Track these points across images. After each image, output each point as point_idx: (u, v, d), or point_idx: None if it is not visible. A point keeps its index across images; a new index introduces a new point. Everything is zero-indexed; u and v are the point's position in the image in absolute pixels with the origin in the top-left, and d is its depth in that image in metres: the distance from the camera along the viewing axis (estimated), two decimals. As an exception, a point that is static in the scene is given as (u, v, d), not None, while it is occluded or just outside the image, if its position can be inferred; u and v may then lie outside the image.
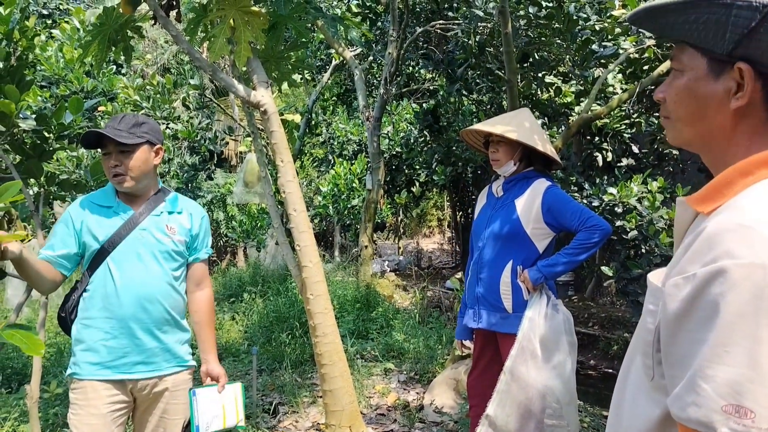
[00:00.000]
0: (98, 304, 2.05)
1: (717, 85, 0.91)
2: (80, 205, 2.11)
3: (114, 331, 2.04)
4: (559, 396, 2.41)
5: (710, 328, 0.78)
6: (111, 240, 2.06)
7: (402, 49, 6.77)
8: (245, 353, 5.27)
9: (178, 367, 2.18)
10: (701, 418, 0.77)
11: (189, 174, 7.68)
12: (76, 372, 2.04)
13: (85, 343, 2.05)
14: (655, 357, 0.91)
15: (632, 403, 0.98)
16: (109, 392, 2.03)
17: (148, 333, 2.08)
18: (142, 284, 2.07)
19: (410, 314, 6.62)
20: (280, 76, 3.21)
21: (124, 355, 2.05)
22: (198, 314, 2.29)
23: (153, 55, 12.25)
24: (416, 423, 3.94)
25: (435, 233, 18.50)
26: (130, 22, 2.94)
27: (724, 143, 0.94)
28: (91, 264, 2.07)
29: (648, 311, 0.94)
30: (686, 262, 0.84)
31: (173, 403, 2.17)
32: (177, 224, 2.19)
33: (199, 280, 2.30)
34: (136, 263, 2.08)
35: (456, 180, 10.02)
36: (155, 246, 2.12)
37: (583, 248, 2.61)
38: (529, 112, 2.96)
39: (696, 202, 0.93)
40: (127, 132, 2.06)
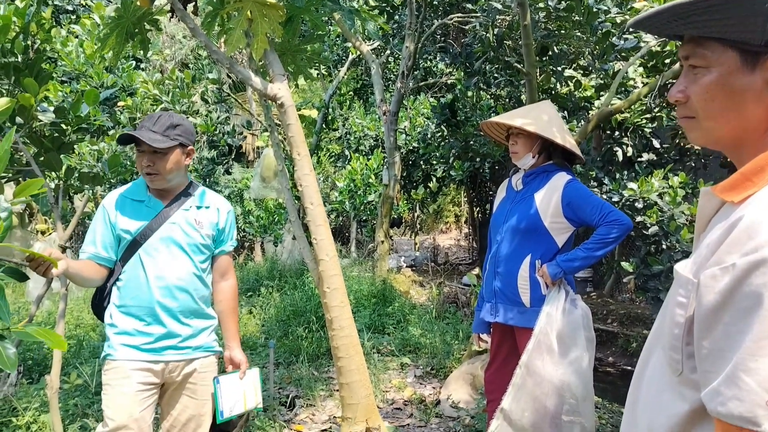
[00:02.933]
0: (131, 293, 2.17)
1: (754, 77, 0.88)
2: (114, 199, 2.23)
3: (147, 318, 2.16)
4: (575, 391, 2.38)
5: (752, 319, 0.75)
6: (143, 233, 2.18)
7: (419, 43, 6.73)
8: (263, 346, 5.29)
9: (205, 352, 2.31)
10: (744, 414, 0.75)
11: (207, 168, 7.73)
12: (111, 354, 2.16)
13: (119, 327, 2.16)
14: (685, 350, 0.88)
15: (655, 398, 0.95)
16: (139, 374, 2.15)
17: (177, 320, 2.20)
18: (171, 275, 2.19)
19: (426, 309, 6.61)
20: (296, 69, 3.20)
21: (156, 340, 2.17)
22: (223, 303, 2.42)
23: (171, 50, 12.33)
24: (432, 418, 3.93)
25: (452, 229, 18.44)
26: (147, 15, 2.94)
27: (757, 137, 0.91)
28: (124, 255, 2.19)
29: (677, 303, 0.90)
30: (723, 253, 0.81)
31: (201, 384, 2.29)
32: (205, 218, 2.31)
33: (224, 271, 2.42)
34: (166, 255, 2.20)
35: (473, 175, 9.96)
36: (184, 239, 2.23)
37: (603, 243, 2.58)
38: (551, 104, 2.93)
39: (723, 191, 0.90)
40: (161, 134, 2.17)
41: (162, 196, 2.26)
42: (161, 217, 2.21)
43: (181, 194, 2.29)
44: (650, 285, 4.50)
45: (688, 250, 4.13)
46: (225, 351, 2.42)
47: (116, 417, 2.09)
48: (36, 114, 2.90)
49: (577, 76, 5.45)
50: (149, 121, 2.19)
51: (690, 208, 4.31)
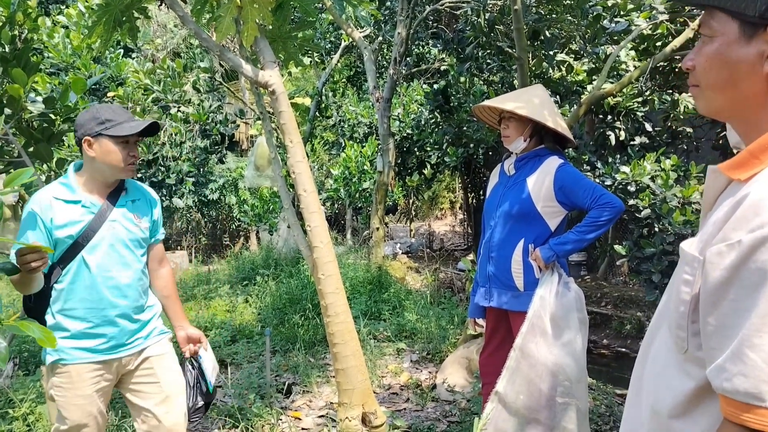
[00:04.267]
0: (78, 295, 2.14)
1: (749, 49, 0.89)
2: (43, 203, 2.11)
3: (96, 320, 2.15)
4: (569, 373, 2.41)
5: (758, 295, 0.75)
6: (85, 234, 2.14)
7: (411, 29, 6.70)
8: (259, 335, 5.31)
9: (157, 337, 2.34)
10: (749, 389, 0.75)
11: (200, 158, 7.70)
12: (62, 358, 2.13)
13: (68, 331, 2.13)
14: (691, 328, 0.89)
15: (660, 376, 0.95)
16: (93, 374, 2.16)
17: (127, 318, 2.22)
18: (120, 274, 2.19)
19: (422, 295, 6.64)
20: (287, 56, 3.19)
21: (108, 340, 2.17)
22: (166, 289, 2.47)
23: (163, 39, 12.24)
24: (429, 402, 3.96)
25: (447, 215, 18.45)
26: (135, 2, 2.92)
27: (757, 109, 0.91)
28: (64, 257, 2.13)
29: (683, 281, 0.91)
30: (730, 230, 0.82)
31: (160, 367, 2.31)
32: (141, 212, 2.32)
33: (160, 258, 2.48)
34: (112, 254, 2.19)
35: (467, 161, 9.96)
36: (126, 235, 2.23)
37: (595, 226, 2.59)
38: (543, 88, 2.92)
39: (730, 168, 0.90)
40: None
41: (96, 193, 2.20)
42: (101, 216, 2.17)
43: (116, 190, 2.26)
44: (643, 267, 4.53)
45: (680, 233, 4.15)
46: (179, 332, 2.45)
47: (74, 417, 2.12)
48: (25, 105, 2.88)
49: (568, 60, 5.43)
50: (124, 114, 2.18)
51: (682, 191, 4.32)
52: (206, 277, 7.93)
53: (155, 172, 7.16)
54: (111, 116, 2.14)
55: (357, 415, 2.89)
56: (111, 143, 2.13)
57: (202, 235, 12.94)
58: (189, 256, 10.25)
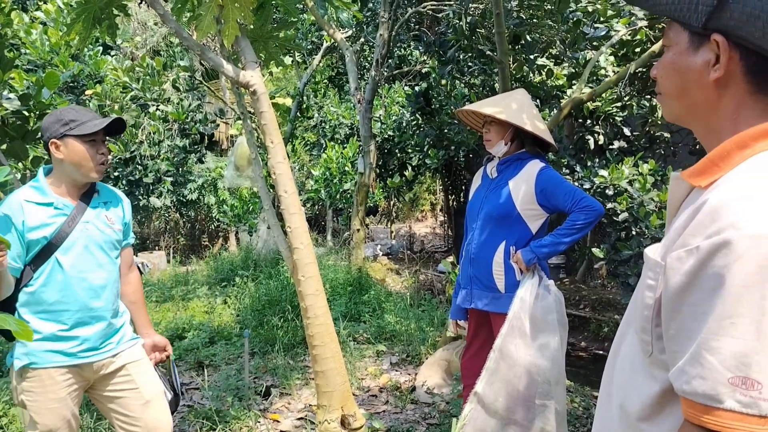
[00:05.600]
0: (52, 297, 2.11)
1: (696, 58, 0.92)
2: (14, 206, 2.08)
3: (69, 322, 2.12)
4: (548, 375, 2.43)
5: (715, 300, 0.77)
6: (58, 236, 2.11)
7: (393, 31, 6.71)
8: (237, 336, 5.27)
9: (129, 342, 2.33)
10: (707, 391, 0.77)
11: (179, 157, 7.62)
12: (34, 362, 2.09)
13: (40, 333, 2.09)
14: (654, 332, 0.90)
15: (628, 379, 0.97)
16: (65, 377, 2.13)
17: (102, 319, 2.20)
18: (94, 275, 2.18)
19: (402, 297, 6.64)
20: (267, 56, 3.17)
21: (81, 342, 2.14)
22: (134, 295, 2.46)
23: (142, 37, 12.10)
24: (408, 404, 3.96)
25: (427, 217, 18.51)
26: (115, 0, 2.88)
27: (710, 116, 0.94)
28: (36, 259, 2.10)
29: (646, 286, 0.93)
30: (689, 236, 0.83)
31: (137, 372, 2.30)
32: (113, 214, 2.30)
33: (129, 263, 2.46)
34: (87, 256, 2.17)
35: (448, 164, 9.99)
36: (100, 237, 2.22)
37: (575, 229, 2.62)
38: (524, 92, 2.95)
39: (692, 175, 0.93)
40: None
41: (69, 196, 2.19)
42: (74, 217, 2.16)
43: (88, 192, 2.24)
44: (620, 270, 4.58)
45: (657, 236, 4.21)
46: (146, 339, 2.45)
47: (48, 422, 2.10)
48: (0, 102, 2.83)
49: (549, 64, 5.48)
50: (87, 114, 2.16)
51: (659, 195, 4.38)
52: (184, 277, 7.84)
53: (132, 171, 7.07)
54: (74, 116, 2.12)
55: (336, 417, 2.88)
56: (77, 143, 2.11)
57: (180, 236, 12.81)
58: (167, 256, 10.13)
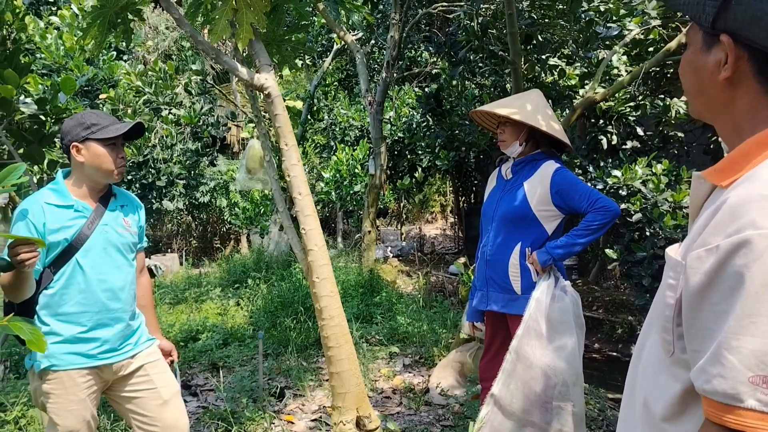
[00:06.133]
0: (72, 298, 2.13)
1: (709, 57, 0.92)
2: (36, 208, 2.11)
3: (89, 324, 2.14)
4: (565, 376, 2.41)
5: (735, 299, 0.77)
6: (78, 238, 2.13)
7: (404, 33, 6.71)
8: (251, 338, 5.28)
9: (146, 344, 2.36)
10: (727, 390, 0.76)
11: (191, 160, 7.66)
12: (54, 364, 2.10)
13: (60, 335, 2.11)
14: (676, 331, 0.90)
15: (651, 380, 0.97)
16: (85, 379, 2.15)
17: (120, 321, 2.22)
18: (113, 277, 2.20)
19: (414, 299, 6.63)
20: (280, 59, 3.19)
21: (101, 344, 2.16)
22: (144, 298, 2.48)
23: (155, 41, 12.18)
24: (422, 405, 3.96)
25: (438, 219, 18.49)
26: (130, 5, 2.91)
27: (728, 115, 0.94)
28: (56, 262, 2.12)
29: (668, 285, 0.93)
30: (708, 235, 0.83)
31: (155, 372, 2.32)
32: (130, 217, 2.33)
33: (141, 266, 2.49)
34: (105, 258, 2.19)
35: (459, 165, 9.97)
36: (118, 240, 2.24)
37: (591, 230, 2.61)
38: (539, 93, 2.94)
39: (713, 175, 0.93)
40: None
41: (87, 198, 2.21)
42: (93, 220, 2.18)
43: (106, 195, 2.27)
44: (634, 271, 4.56)
45: (671, 237, 4.18)
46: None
47: (68, 423, 2.11)
48: (17, 106, 2.86)
49: (561, 64, 5.46)
50: (108, 118, 2.18)
51: (673, 195, 4.35)
52: (197, 279, 7.88)
53: (145, 174, 7.12)
54: (96, 120, 2.15)
55: (351, 419, 2.88)
56: (99, 146, 2.14)
57: (192, 238, 12.87)
58: (180, 258, 10.18)
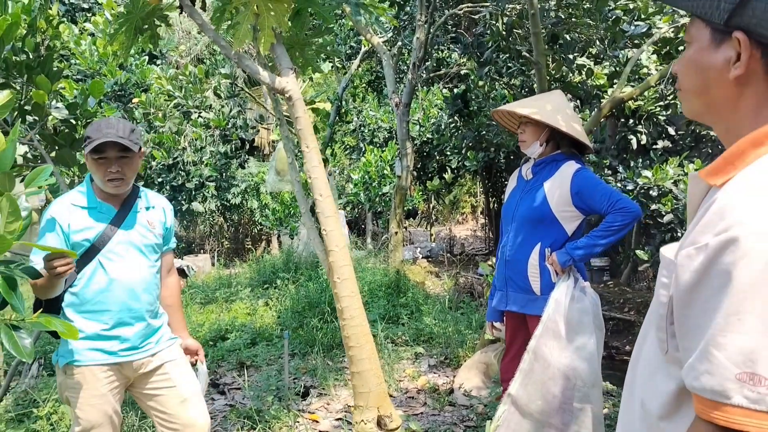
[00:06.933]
0: (94, 297, 2.19)
1: (717, 55, 0.91)
2: (61, 209, 2.19)
3: (110, 322, 2.20)
4: (584, 377, 2.39)
5: (723, 296, 0.78)
6: (101, 238, 2.20)
7: (430, 34, 6.72)
8: (278, 338, 5.35)
9: (168, 342, 2.40)
10: (715, 387, 0.77)
11: (221, 162, 7.79)
12: (77, 360, 2.18)
13: (83, 332, 2.16)
14: (669, 330, 0.91)
15: (648, 378, 0.98)
16: (106, 374, 2.21)
17: (141, 320, 2.26)
18: (134, 277, 2.25)
19: (441, 300, 6.63)
20: (304, 62, 3.23)
21: (122, 342, 2.22)
22: (171, 298, 2.54)
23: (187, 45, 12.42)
24: (446, 406, 3.96)
25: (468, 220, 18.40)
26: (156, 10, 2.98)
27: (730, 114, 0.93)
28: (79, 261, 2.18)
29: (661, 284, 0.94)
30: (698, 233, 0.84)
31: (175, 371, 2.36)
32: (154, 219, 2.37)
33: (170, 267, 2.54)
34: (127, 258, 2.24)
35: (489, 166, 9.93)
36: (141, 240, 2.29)
37: (611, 231, 2.58)
38: (560, 93, 2.93)
39: (708, 174, 0.92)
40: (128, 139, 2.18)
41: (111, 200, 2.27)
42: (116, 221, 2.24)
43: (130, 197, 2.31)
44: (664, 273, 4.47)
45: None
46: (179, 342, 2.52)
47: (91, 418, 2.18)
48: (49, 111, 2.95)
49: (588, 64, 5.39)
50: (111, 128, 2.16)
51: (704, 195, 4.26)
52: (228, 280, 8.01)
53: (175, 177, 7.27)
54: (91, 133, 2.17)
55: (372, 418, 2.90)
56: (89, 159, 2.19)
57: (224, 239, 13.07)
58: (212, 259, 10.36)
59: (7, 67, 2.95)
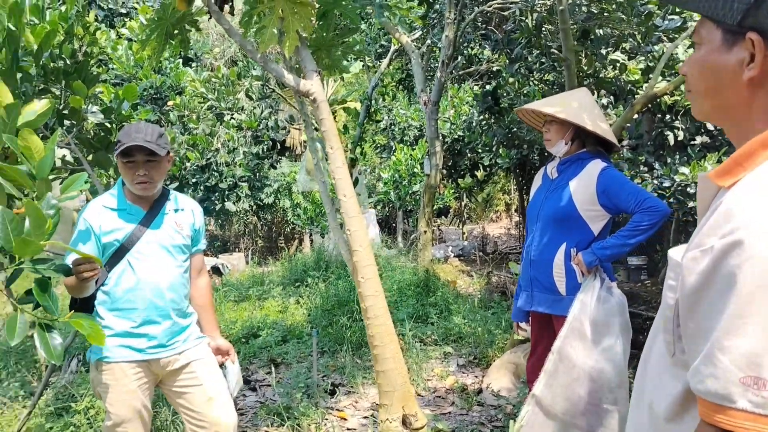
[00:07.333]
0: (124, 296, 2.27)
1: (730, 56, 0.90)
2: (93, 211, 2.29)
3: (138, 320, 2.27)
4: (609, 379, 2.37)
5: (728, 299, 0.77)
6: (130, 239, 2.27)
7: (459, 31, 6.69)
8: (308, 335, 5.41)
9: (195, 341, 2.45)
10: (719, 390, 0.77)
11: (253, 163, 7.91)
12: (107, 356, 2.26)
13: (113, 329, 2.25)
14: (676, 332, 0.91)
15: (657, 380, 0.98)
16: (135, 371, 2.28)
17: (167, 318, 2.33)
18: (161, 277, 2.31)
19: (471, 299, 6.60)
20: (331, 63, 3.26)
21: (150, 339, 2.29)
22: (202, 298, 2.59)
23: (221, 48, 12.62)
24: (474, 406, 3.95)
25: (502, 217, 18.24)
26: (186, 16, 3.05)
27: (742, 116, 0.92)
28: (111, 261, 2.27)
29: (669, 287, 0.94)
30: (704, 236, 0.83)
31: (202, 370, 2.41)
32: (183, 221, 2.43)
33: (200, 268, 2.59)
34: (155, 258, 2.31)
35: (522, 163, 9.83)
36: (169, 241, 2.35)
37: (639, 231, 2.54)
38: (586, 91, 2.89)
39: (717, 176, 0.91)
40: (155, 143, 2.25)
41: (141, 203, 2.34)
42: (145, 222, 2.31)
43: (159, 199, 2.38)
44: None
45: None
46: (210, 341, 2.56)
47: (121, 412, 2.25)
48: (85, 116, 3.05)
49: (621, 59, 5.30)
50: (140, 132, 2.24)
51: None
52: (261, 278, 8.12)
53: (209, 177, 7.40)
54: (121, 138, 2.26)
55: (397, 416, 2.91)
56: (120, 163, 2.28)
57: (258, 238, 13.25)
58: (246, 257, 10.52)
59: (45, 73, 3.06)
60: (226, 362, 2.58)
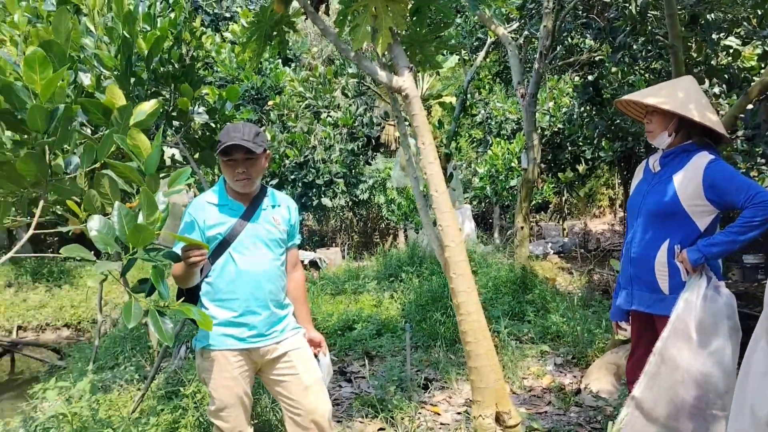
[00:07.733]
0: (226, 287, 2.40)
1: None
2: (197, 207, 2.44)
3: (239, 310, 2.39)
4: (717, 384, 2.22)
5: None
6: (231, 233, 2.40)
7: (558, 20, 6.48)
8: (402, 330, 5.46)
9: (292, 331, 2.54)
10: None
11: (348, 159, 8.06)
12: (211, 344, 2.40)
13: (216, 319, 2.37)
14: None
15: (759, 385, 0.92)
16: (236, 359, 2.40)
17: (266, 308, 2.43)
18: (260, 269, 2.42)
19: (571, 297, 6.40)
20: (424, 59, 3.27)
21: (250, 329, 2.40)
22: (296, 291, 2.68)
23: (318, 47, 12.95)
24: (572, 406, 3.84)
25: (606, 213, 17.52)
26: (284, 17, 3.16)
27: None
28: (213, 254, 2.40)
29: None
30: None
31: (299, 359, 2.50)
32: (279, 216, 2.53)
33: (294, 262, 2.68)
34: (253, 251, 2.43)
35: (627, 156, 9.40)
36: (267, 235, 2.46)
37: (749, 227, 2.36)
38: (692, 79, 2.72)
39: None
40: (252, 142, 2.36)
41: (241, 198, 2.46)
42: (245, 217, 2.43)
43: (258, 196, 2.49)
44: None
45: None
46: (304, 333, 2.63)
47: (224, 398, 2.38)
48: (192, 117, 3.24)
49: (735, 44, 4.93)
50: (238, 132, 2.36)
51: None
52: (356, 272, 8.28)
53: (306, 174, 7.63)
54: (221, 137, 2.38)
55: (491, 413, 2.88)
56: (221, 161, 2.41)
57: (354, 233, 13.52)
58: (342, 252, 10.76)
59: (156, 77, 3.28)
60: (318, 354, 2.67)
